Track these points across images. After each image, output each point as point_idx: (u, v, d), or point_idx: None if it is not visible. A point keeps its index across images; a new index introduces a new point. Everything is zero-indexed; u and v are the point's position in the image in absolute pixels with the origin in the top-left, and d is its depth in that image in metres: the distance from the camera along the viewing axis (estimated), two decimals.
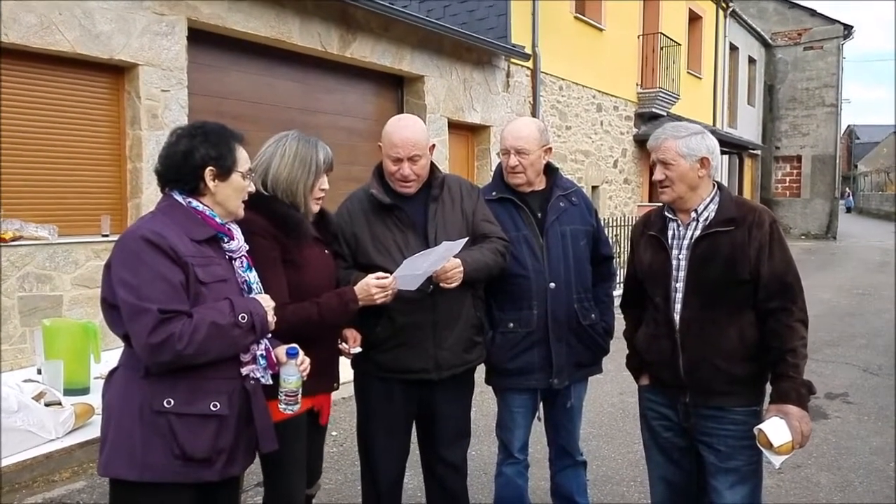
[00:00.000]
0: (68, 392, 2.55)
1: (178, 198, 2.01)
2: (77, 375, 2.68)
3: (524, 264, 2.85)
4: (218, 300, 1.94)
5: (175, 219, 1.97)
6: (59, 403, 2.40)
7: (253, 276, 2.11)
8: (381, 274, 2.41)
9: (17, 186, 5.50)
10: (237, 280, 2.06)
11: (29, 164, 5.58)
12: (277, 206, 2.33)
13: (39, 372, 2.78)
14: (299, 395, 2.15)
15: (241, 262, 2.09)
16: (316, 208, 2.45)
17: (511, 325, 2.86)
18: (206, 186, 2.01)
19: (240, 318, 1.93)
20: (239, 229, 2.13)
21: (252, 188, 2.13)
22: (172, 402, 1.88)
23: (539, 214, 2.93)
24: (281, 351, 2.13)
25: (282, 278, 2.28)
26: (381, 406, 2.71)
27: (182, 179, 2.01)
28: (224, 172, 2.02)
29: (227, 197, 2.05)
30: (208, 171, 2.00)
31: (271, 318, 2.05)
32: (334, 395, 2.64)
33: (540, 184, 2.99)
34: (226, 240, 2.05)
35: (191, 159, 1.99)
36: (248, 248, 2.14)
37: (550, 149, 3.00)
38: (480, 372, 2.89)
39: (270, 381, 2.10)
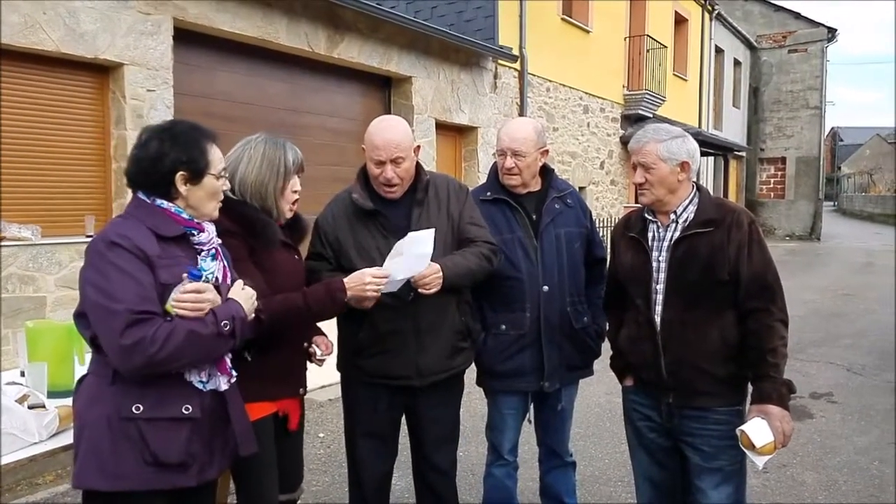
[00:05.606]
0: (52, 394, 2.51)
1: (143, 197, 1.93)
2: (61, 378, 2.63)
3: (518, 266, 2.83)
4: None
5: (141, 218, 1.89)
6: (43, 406, 2.36)
7: (214, 266, 2.00)
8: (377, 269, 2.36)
9: (0, 186, 5.43)
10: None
11: (12, 164, 5.52)
12: (246, 209, 2.27)
13: (23, 374, 2.73)
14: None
15: (207, 253, 1.99)
16: (289, 213, 2.40)
17: (503, 327, 2.85)
18: (178, 191, 1.93)
19: (223, 325, 1.85)
20: (213, 225, 2.05)
21: (227, 187, 2.06)
22: (142, 407, 1.81)
23: (534, 216, 2.90)
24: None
25: (255, 274, 2.23)
26: (367, 411, 2.68)
27: (152, 184, 1.92)
28: (196, 176, 1.93)
29: (199, 200, 1.96)
30: (179, 176, 1.91)
31: (249, 308, 1.98)
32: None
33: (535, 185, 2.97)
34: (195, 233, 1.96)
35: (160, 165, 1.90)
36: (220, 242, 2.05)
37: (547, 150, 2.97)
38: (469, 373, 2.87)
39: (226, 387, 1.98)
